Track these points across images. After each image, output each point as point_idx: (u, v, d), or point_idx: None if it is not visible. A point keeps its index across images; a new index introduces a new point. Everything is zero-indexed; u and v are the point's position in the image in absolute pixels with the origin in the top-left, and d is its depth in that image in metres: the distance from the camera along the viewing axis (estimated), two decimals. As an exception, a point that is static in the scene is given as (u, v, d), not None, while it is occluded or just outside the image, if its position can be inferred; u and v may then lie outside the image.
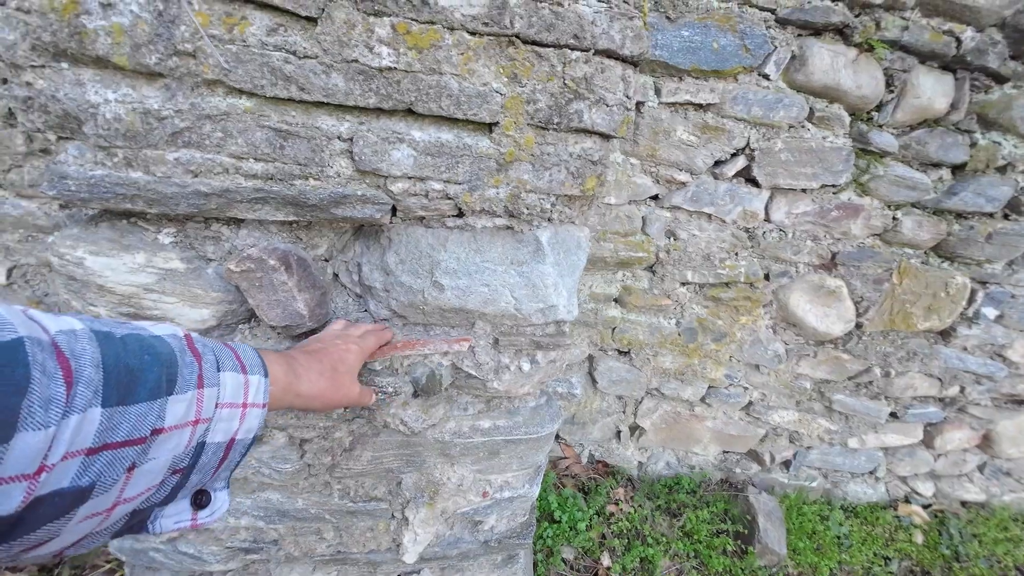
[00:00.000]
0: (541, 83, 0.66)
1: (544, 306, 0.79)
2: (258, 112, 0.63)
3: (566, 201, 0.76)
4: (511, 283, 0.76)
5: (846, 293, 1.58)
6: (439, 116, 0.66)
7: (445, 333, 0.80)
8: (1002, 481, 1.99)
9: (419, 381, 0.81)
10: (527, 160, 0.70)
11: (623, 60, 0.68)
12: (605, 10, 0.64)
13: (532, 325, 0.81)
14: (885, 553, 1.79)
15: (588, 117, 0.68)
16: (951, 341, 1.67)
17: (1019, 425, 1.85)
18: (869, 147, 1.38)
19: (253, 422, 0.49)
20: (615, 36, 0.65)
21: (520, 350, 0.83)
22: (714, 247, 1.49)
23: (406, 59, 0.62)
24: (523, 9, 0.61)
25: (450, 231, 0.74)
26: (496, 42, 0.63)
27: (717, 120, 1.32)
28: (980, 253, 1.53)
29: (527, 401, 0.92)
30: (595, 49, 0.65)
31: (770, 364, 1.67)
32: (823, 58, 1.26)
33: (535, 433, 0.90)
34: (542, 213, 0.74)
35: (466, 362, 0.81)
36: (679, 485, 1.81)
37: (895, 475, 1.95)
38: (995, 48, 1.28)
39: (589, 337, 1.61)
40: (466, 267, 0.75)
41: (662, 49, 1.21)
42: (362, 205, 0.69)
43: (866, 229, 1.50)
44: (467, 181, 0.69)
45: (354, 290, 0.81)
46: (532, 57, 0.65)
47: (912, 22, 1.24)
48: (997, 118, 1.36)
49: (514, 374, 0.83)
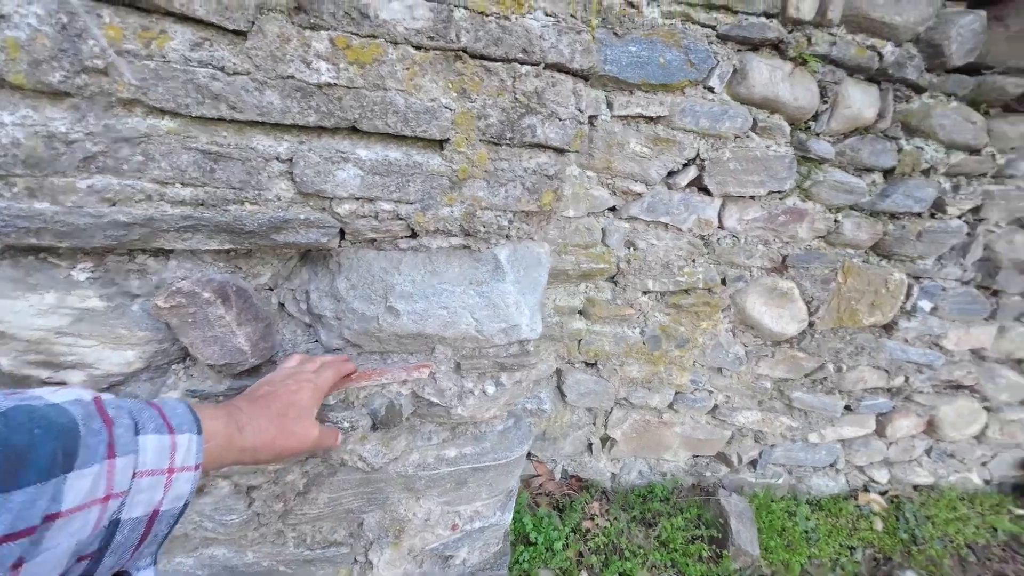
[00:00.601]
0: (491, 98, 0.64)
1: (506, 326, 0.76)
2: (184, 133, 0.57)
3: (524, 217, 0.74)
4: (471, 304, 0.73)
5: (798, 294, 1.64)
6: (386, 134, 0.63)
7: (403, 360, 0.76)
8: (947, 463, 2.12)
9: (378, 413, 0.76)
10: (481, 177, 0.67)
11: (574, 74, 0.67)
12: (553, 24, 0.63)
13: (495, 346, 0.78)
14: (850, 543, 1.84)
15: (541, 132, 0.67)
16: (894, 334, 1.77)
17: (958, 409, 1.97)
18: (809, 155, 1.45)
19: (183, 488, 0.43)
20: (564, 50, 0.64)
21: (484, 373, 0.80)
22: (672, 255, 1.51)
23: (347, 75, 0.58)
24: (469, 23, 0.60)
25: (404, 253, 0.71)
26: (443, 56, 0.61)
27: (668, 132, 1.35)
28: (913, 250, 1.63)
29: (494, 425, 0.88)
30: (545, 63, 0.64)
31: (732, 367, 1.71)
32: (762, 72, 1.31)
33: (504, 458, 0.87)
34: (499, 230, 0.72)
35: (427, 389, 0.77)
36: (652, 493, 1.81)
37: (853, 465, 2.03)
38: (912, 61, 1.39)
39: (556, 351, 1.59)
40: (422, 290, 0.71)
41: (612, 64, 1.23)
42: (306, 230, 0.64)
43: (811, 232, 1.57)
44: (419, 200, 0.66)
45: (303, 320, 0.75)
46: (481, 72, 0.63)
47: (839, 38, 1.32)
48: (919, 125, 1.47)
49: (478, 398, 0.80)
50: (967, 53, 1.38)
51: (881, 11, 1.28)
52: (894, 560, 1.82)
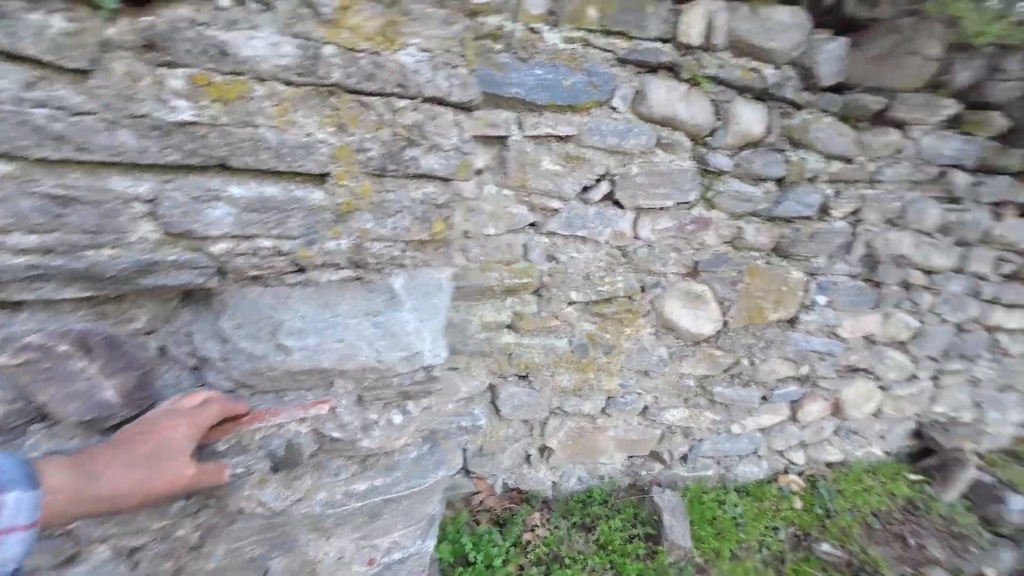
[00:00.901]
0: (370, 132, 0.64)
1: (408, 354, 0.76)
2: (24, 177, 0.53)
3: (418, 246, 0.75)
4: (368, 335, 0.73)
5: (711, 296, 1.76)
6: (260, 170, 0.61)
7: (301, 398, 0.73)
8: (852, 440, 2.33)
9: (276, 454, 0.73)
10: (367, 209, 0.67)
11: (454, 107, 0.69)
12: (428, 59, 0.64)
13: (398, 375, 0.77)
14: (774, 524, 1.98)
15: (425, 163, 0.68)
16: (797, 327, 1.93)
17: (857, 391, 2.18)
18: (709, 168, 1.56)
19: (12, 550, 0.40)
20: (441, 84, 0.66)
21: (388, 403, 0.79)
22: (592, 267, 1.58)
23: (210, 112, 0.56)
24: (339, 59, 0.60)
25: (292, 288, 0.69)
26: (316, 92, 0.61)
27: (578, 150, 1.41)
28: (807, 250, 1.80)
29: (407, 453, 0.87)
30: (423, 97, 0.65)
31: (657, 368, 1.80)
32: (660, 92, 1.41)
33: (419, 485, 0.86)
34: (392, 260, 0.72)
35: (328, 425, 0.75)
36: (592, 498, 1.85)
37: (773, 451, 2.19)
38: (790, 82, 1.54)
39: (487, 366, 1.60)
40: (314, 325, 0.69)
41: (518, 87, 1.27)
42: (177, 272, 0.61)
43: (718, 238, 1.69)
44: (303, 235, 0.65)
45: (188, 363, 0.71)
46: (357, 106, 0.63)
47: (726, 61, 1.44)
48: (801, 139, 1.62)
49: (385, 429, 0.79)
50: (834, 74, 1.55)
51: (759, 38, 1.42)
52: (812, 535, 1.98)
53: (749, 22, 1.39)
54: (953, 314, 2.22)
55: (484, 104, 1.29)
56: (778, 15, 1.41)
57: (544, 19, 1.25)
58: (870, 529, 2.05)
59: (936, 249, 2.02)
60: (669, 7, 1.34)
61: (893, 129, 1.74)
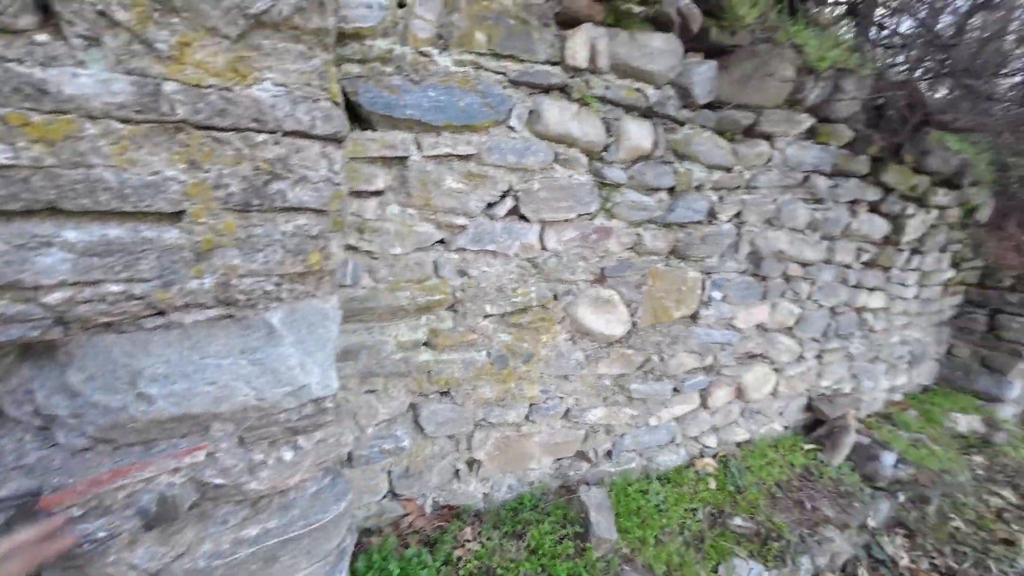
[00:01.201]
0: (228, 167, 0.63)
1: (293, 388, 0.74)
2: None
3: (296, 278, 0.73)
4: (245, 374, 0.70)
5: (619, 300, 1.87)
6: (101, 212, 0.57)
7: (172, 447, 0.69)
8: (756, 419, 2.57)
9: (148, 511, 0.68)
10: (232, 245, 0.65)
11: (321, 139, 0.69)
12: (285, 94, 0.64)
13: (285, 411, 0.75)
14: (692, 506, 2.13)
15: (293, 195, 0.67)
16: (698, 322, 2.10)
17: (755, 375, 2.41)
18: (606, 180, 1.67)
19: None
20: (303, 118, 0.66)
21: (276, 441, 0.77)
22: (504, 279, 1.62)
23: (30, 154, 0.52)
24: (184, 96, 0.58)
25: (152, 333, 0.65)
26: (161, 129, 0.58)
27: (479, 168, 1.45)
28: (700, 252, 1.97)
29: (305, 489, 0.85)
30: (283, 131, 0.65)
31: (575, 372, 1.88)
32: (553, 112, 1.49)
33: (319, 520, 0.84)
34: (267, 295, 0.71)
35: (208, 471, 0.71)
36: (523, 505, 1.89)
37: (689, 437, 2.36)
38: (671, 101, 1.69)
39: (406, 386, 1.59)
40: (181, 369, 0.66)
41: (413, 108, 1.28)
42: (5, 326, 0.55)
43: (620, 246, 1.80)
44: (158, 277, 0.62)
45: (33, 423, 0.65)
46: (210, 142, 0.61)
47: (611, 82, 1.56)
48: (685, 152, 1.78)
49: (275, 468, 0.76)
50: (708, 94, 1.72)
51: (639, 61, 1.54)
52: (726, 511, 2.15)
53: (628, 47, 1.51)
54: (827, 300, 2.53)
55: (380, 125, 1.29)
56: (653, 41, 1.55)
57: (433, 43, 1.27)
58: (774, 499, 2.27)
59: (808, 244, 2.30)
60: (554, 33, 1.42)
61: (762, 141, 1.97)
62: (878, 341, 2.99)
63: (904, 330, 3.19)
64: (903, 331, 3.18)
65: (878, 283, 2.76)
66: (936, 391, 3.66)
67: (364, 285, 1.39)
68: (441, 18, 1.26)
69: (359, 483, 1.59)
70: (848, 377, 2.92)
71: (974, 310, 3.52)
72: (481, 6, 1.30)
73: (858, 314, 2.76)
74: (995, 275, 3.36)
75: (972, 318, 3.54)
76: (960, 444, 3.14)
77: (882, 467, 2.51)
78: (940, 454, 2.87)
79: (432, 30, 1.26)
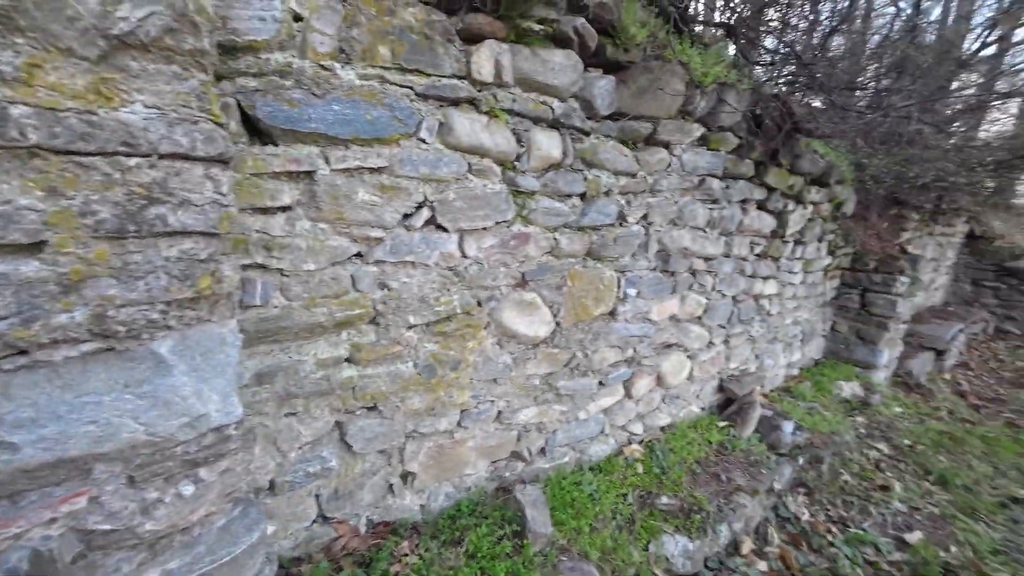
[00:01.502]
0: (96, 193, 0.59)
1: (190, 419, 0.71)
2: None
3: (186, 304, 0.71)
4: (132, 409, 0.66)
5: (541, 302, 1.95)
6: (-61, 246, 0.52)
7: (45, 497, 0.64)
8: (676, 404, 2.79)
9: (18, 571, 0.62)
10: (107, 274, 0.62)
11: (204, 161, 0.67)
12: (159, 116, 0.62)
13: (181, 443, 0.72)
14: (623, 491, 2.26)
15: (176, 220, 0.65)
16: (617, 318, 2.25)
17: (672, 363, 2.61)
18: (521, 189, 1.74)
19: None
20: (182, 140, 0.64)
21: (172, 476, 0.73)
22: (426, 289, 1.63)
23: None
24: (36, 120, 0.55)
25: (12, 375, 0.60)
26: (11, 155, 0.54)
27: (392, 180, 1.45)
28: (614, 252, 2.11)
29: (211, 522, 0.81)
30: (159, 154, 0.63)
31: (504, 374, 1.93)
32: (464, 124, 1.53)
33: (229, 554, 0.81)
34: (152, 324, 0.67)
35: (92, 518, 0.66)
36: (460, 511, 1.90)
37: (616, 427, 2.50)
38: (576, 112, 1.80)
39: (329, 404, 1.54)
40: (51, 410, 0.61)
41: (317, 122, 1.27)
42: None
43: (539, 250, 1.88)
44: (15, 313, 0.57)
45: None
46: (73, 168, 0.58)
47: (518, 96, 1.63)
48: (593, 160, 1.91)
49: (173, 505, 0.72)
50: (609, 106, 1.86)
51: (543, 76, 1.63)
52: (653, 492, 2.31)
53: (531, 62, 1.60)
54: (729, 289, 2.80)
55: (283, 140, 1.26)
56: (555, 57, 1.65)
57: (335, 57, 1.27)
58: (695, 475, 2.47)
59: (708, 240, 2.54)
60: (459, 48, 1.47)
61: (662, 148, 2.15)
62: (775, 324, 3.36)
63: (795, 312, 3.60)
64: (794, 313, 3.59)
65: (770, 272, 3.10)
66: (825, 363, 4.16)
67: (276, 304, 1.35)
68: (341, 32, 1.26)
69: (284, 511, 1.52)
70: (752, 358, 3.25)
71: (849, 291, 4.06)
72: (383, 21, 1.32)
73: (756, 301, 3.08)
74: (862, 259, 3.91)
75: (848, 298, 4.08)
76: (845, 408, 3.60)
77: (784, 435, 2.82)
78: (830, 418, 3.28)
79: (332, 44, 1.25)
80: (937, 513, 2.78)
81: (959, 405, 4.27)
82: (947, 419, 3.95)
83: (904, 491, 2.94)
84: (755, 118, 2.38)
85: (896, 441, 3.45)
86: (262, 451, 1.41)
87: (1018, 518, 2.77)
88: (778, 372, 3.59)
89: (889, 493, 2.89)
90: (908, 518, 2.72)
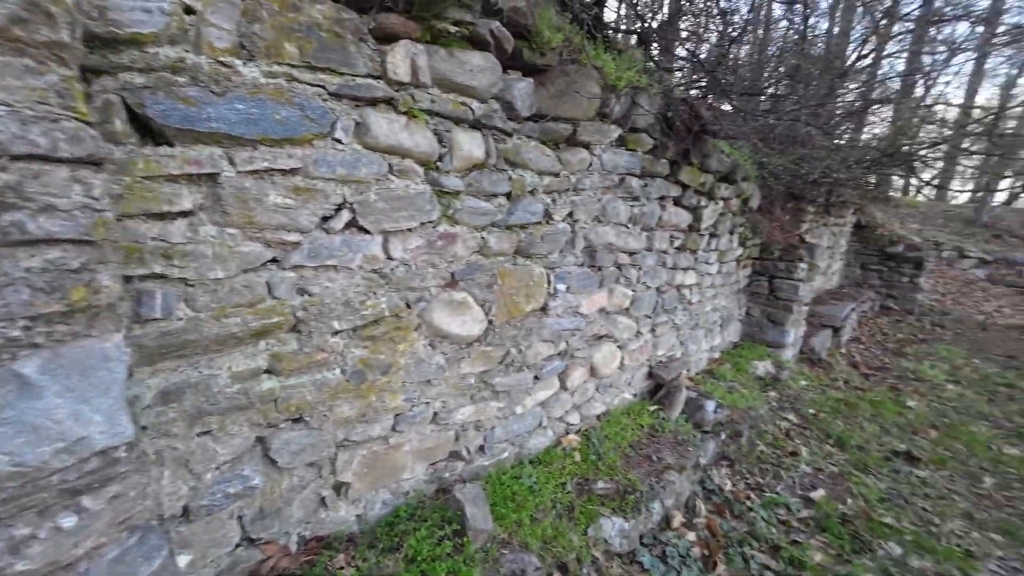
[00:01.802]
0: (-69, 199, 0.53)
1: (66, 444, 0.65)
2: None
3: (57, 318, 0.64)
4: (-9, 438, 0.60)
5: (472, 301, 1.96)
6: None
7: None
8: (610, 393, 2.92)
9: None
10: (-49, 290, 0.55)
11: (70, 162, 0.62)
12: (9, 114, 0.56)
13: (58, 471, 0.66)
14: (561, 480, 2.33)
15: (37, 227, 0.60)
16: (548, 313, 2.32)
17: (603, 353, 2.74)
18: (445, 189, 1.75)
19: None
20: (40, 140, 0.59)
21: (48, 508, 0.66)
22: (351, 293, 1.59)
23: None
24: None
25: None
26: None
27: (307, 182, 1.40)
28: (542, 249, 2.17)
29: (102, 555, 0.74)
30: (11, 155, 0.57)
31: (438, 375, 1.92)
32: (381, 124, 1.51)
33: (125, 587, 0.75)
34: (13, 342, 0.61)
35: (-54, 565, 0.59)
36: (399, 517, 1.87)
37: (554, 419, 2.58)
38: (497, 114, 1.83)
39: (248, 419, 1.46)
40: None
41: (218, 121, 1.20)
42: None
43: (467, 250, 1.90)
44: None
45: None
46: (-101, 170, 0.51)
47: (437, 96, 1.63)
48: (516, 160, 1.95)
49: (51, 540, 0.66)
50: (529, 107, 1.91)
51: (461, 77, 1.65)
52: (590, 479, 2.40)
53: (449, 63, 1.61)
54: (653, 281, 2.98)
55: (179, 140, 1.17)
56: (473, 59, 1.67)
57: (235, 53, 1.20)
58: (628, 458, 2.60)
59: (631, 235, 2.68)
60: (373, 47, 1.45)
61: (583, 149, 2.24)
62: (696, 312, 3.61)
63: (714, 300, 3.90)
64: (713, 301, 3.89)
65: (689, 264, 3.33)
66: (743, 345, 4.55)
67: (181, 316, 1.26)
68: (241, 27, 1.20)
69: (202, 538, 1.42)
70: (678, 344, 3.47)
71: (760, 278, 4.46)
72: (287, 18, 1.27)
73: (678, 291, 3.30)
74: (769, 249, 4.31)
75: (759, 284, 4.48)
76: (760, 384, 3.95)
77: (707, 414, 3.04)
78: (747, 395, 3.58)
79: (232, 39, 1.19)
80: (836, 471, 3.13)
81: (853, 375, 4.84)
82: (843, 388, 4.47)
83: (809, 455, 3.28)
84: (667, 120, 2.56)
85: (803, 411, 3.84)
86: (172, 475, 1.31)
87: (899, 468, 3.20)
88: (701, 356, 3.87)
89: (797, 458, 3.22)
90: (813, 478, 3.04)
